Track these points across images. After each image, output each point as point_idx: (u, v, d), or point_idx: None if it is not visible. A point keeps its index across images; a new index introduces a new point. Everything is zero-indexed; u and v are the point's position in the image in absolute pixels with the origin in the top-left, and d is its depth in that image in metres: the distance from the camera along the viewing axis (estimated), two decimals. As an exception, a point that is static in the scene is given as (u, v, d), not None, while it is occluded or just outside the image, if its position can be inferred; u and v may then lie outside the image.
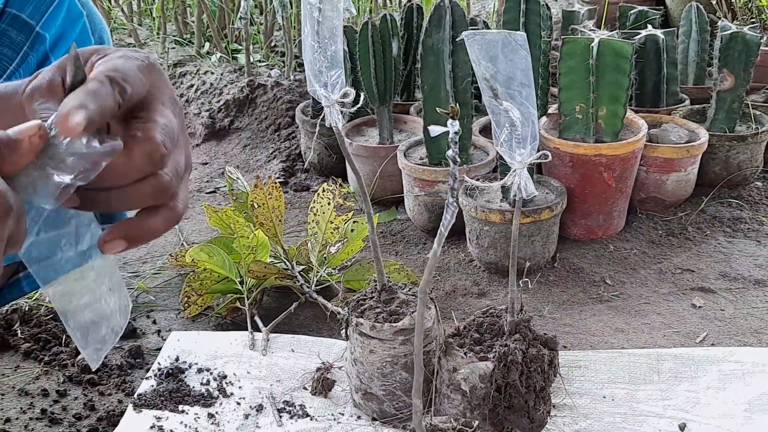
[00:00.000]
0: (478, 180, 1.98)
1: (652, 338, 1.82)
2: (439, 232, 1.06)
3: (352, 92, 1.38)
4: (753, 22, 2.69)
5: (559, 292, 2.01)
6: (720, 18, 2.75)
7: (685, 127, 2.35)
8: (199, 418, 1.56)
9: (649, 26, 2.52)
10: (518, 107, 1.23)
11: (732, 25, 2.35)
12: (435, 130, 0.79)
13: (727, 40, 2.32)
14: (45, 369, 1.74)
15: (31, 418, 1.60)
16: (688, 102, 2.56)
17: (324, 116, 1.43)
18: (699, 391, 1.61)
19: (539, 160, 1.31)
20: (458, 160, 0.75)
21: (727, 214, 2.33)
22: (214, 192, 2.72)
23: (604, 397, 1.61)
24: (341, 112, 1.42)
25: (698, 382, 1.63)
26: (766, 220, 2.31)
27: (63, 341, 1.83)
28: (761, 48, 2.36)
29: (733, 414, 1.54)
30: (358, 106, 1.44)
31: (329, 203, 1.99)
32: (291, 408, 1.60)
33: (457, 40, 2.04)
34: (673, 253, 2.17)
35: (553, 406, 1.55)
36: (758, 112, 2.48)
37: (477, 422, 1.34)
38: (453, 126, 0.75)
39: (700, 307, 1.93)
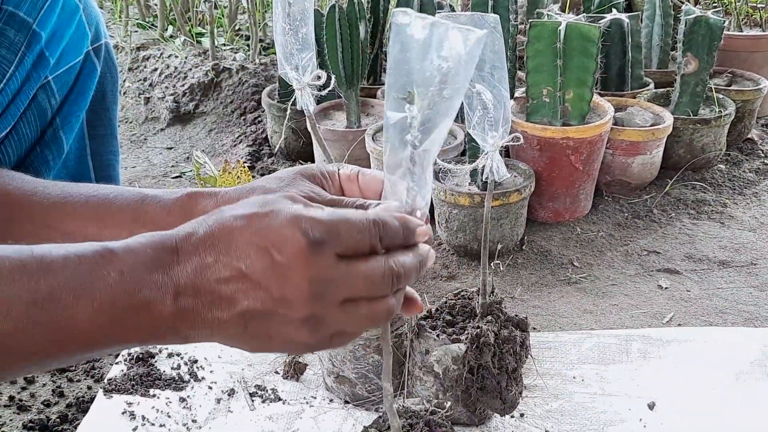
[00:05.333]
0: (449, 163, 1.98)
1: (620, 319, 1.84)
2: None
3: (324, 75, 1.37)
4: (715, 6, 2.72)
5: (528, 274, 2.02)
6: (683, 2, 2.78)
7: (650, 110, 2.37)
8: (170, 402, 1.56)
9: (614, 10, 2.54)
10: (491, 90, 1.23)
11: (695, 9, 2.37)
12: (392, 117, 0.79)
13: (691, 24, 2.34)
14: (12, 356, 1.72)
15: (-2, 406, 1.58)
16: (652, 86, 2.58)
17: (295, 99, 1.42)
18: (667, 371, 1.63)
19: (511, 143, 1.31)
20: (417, 144, 0.74)
21: (691, 197, 2.36)
22: (179, 177, 2.70)
23: (574, 377, 1.62)
24: (312, 95, 1.41)
25: (666, 361, 1.66)
26: (729, 203, 2.35)
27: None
28: (724, 32, 2.39)
29: (700, 392, 1.57)
30: (329, 89, 1.43)
31: (298, 187, 1.97)
32: (263, 392, 1.60)
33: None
34: (639, 235, 2.19)
35: (525, 387, 1.56)
36: (721, 96, 2.51)
37: (449, 403, 1.34)
38: (410, 110, 0.75)
39: (666, 288, 1.95)
